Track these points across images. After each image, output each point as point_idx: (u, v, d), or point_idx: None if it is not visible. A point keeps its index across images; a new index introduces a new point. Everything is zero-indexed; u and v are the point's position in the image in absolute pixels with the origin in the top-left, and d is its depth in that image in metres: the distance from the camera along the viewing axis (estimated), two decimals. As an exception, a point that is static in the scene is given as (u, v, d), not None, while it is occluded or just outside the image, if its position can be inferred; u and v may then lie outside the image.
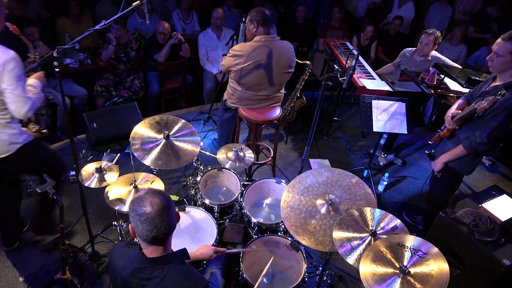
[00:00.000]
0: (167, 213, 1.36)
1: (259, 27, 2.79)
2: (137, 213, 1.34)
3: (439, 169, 2.60)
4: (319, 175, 2.13)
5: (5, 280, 2.50)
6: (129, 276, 1.43)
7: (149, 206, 1.34)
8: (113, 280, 1.54)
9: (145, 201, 1.35)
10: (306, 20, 5.61)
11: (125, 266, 1.45)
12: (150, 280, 1.40)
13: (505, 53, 2.16)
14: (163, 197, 1.38)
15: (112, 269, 1.52)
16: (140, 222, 1.34)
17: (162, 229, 1.35)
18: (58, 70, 1.80)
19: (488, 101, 2.15)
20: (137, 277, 1.41)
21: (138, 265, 1.41)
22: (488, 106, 2.17)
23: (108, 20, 1.90)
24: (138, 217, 1.34)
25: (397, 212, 3.42)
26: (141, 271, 1.41)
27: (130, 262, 1.44)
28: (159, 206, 1.35)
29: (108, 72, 4.27)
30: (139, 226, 1.35)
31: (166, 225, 1.36)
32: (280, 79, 2.99)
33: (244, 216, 2.42)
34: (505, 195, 2.59)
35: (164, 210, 1.36)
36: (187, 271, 1.44)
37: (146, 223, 1.33)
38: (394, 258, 1.59)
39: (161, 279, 1.38)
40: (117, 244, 1.58)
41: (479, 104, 2.20)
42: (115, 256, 1.51)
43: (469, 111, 2.32)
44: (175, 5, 5.37)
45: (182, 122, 2.46)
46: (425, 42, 3.70)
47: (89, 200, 3.18)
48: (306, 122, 4.46)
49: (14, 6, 3.98)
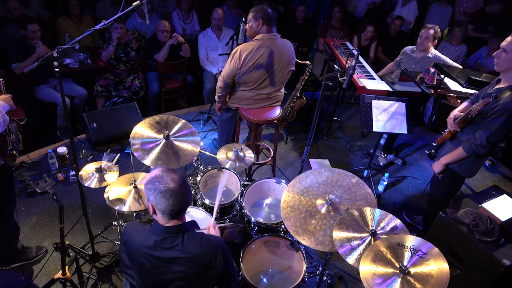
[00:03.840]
0: (186, 185, 1.49)
1: (263, 25, 2.79)
2: (161, 190, 1.42)
3: (440, 170, 2.59)
4: (319, 175, 2.13)
5: (5, 280, 2.50)
6: (151, 249, 1.48)
7: (171, 182, 1.43)
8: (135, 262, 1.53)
9: (165, 178, 1.44)
10: (306, 20, 5.60)
11: (146, 239, 1.50)
12: (173, 248, 1.47)
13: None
14: (177, 172, 1.49)
15: (131, 248, 1.53)
16: (165, 198, 1.42)
17: (184, 201, 1.48)
18: (58, 70, 1.80)
19: (480, 102, 2.15)
20: (159, 247, 1.47)
21: (159, 236, 1.48)
22: (479, 108, 2.17)
23: (108, 20, 1.90)
24: (163, 194, 1.42)
25: (397, 212, 3.42)
26: (162, 242, 1.47)
27: (150, 235, 1.50)
28: (179, 180, 1.46)
29: (108, 72, 4.27)
30: (164, 202, 1.43)
31: (187, 197, 1.49)
32: (281, 77, 2.99)
33: (244, 216, 2.42)
34: (505, 195, 2.59)
35: (184, 183, 1.48)
36: (204, 235, 1.54)
37: (172, 198, 1.43)
38: (394, 258, 1.59)
39: (183, 245, 1.47)
40: (129, 223, 1.63)
41: (474, 106, 2.20)
42: (132, 233, 1.55)
43: (466, 113, 2.32)
44: (175, 5, 5.37)
45: (182, 122, 2.46)
46: (424, 36, 3.69)
47: (89, 200, 3.18)
48: (306, 122, 4.46)
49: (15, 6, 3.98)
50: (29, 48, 3.62)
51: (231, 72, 2.86)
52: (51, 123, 4.12)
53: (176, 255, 1.46)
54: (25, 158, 3.53)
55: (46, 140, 3.98)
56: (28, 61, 3.58)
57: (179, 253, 1.46)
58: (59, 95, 3.90)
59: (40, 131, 4.09)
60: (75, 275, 2.44)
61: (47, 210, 3.05)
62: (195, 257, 1.47)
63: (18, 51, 3.61)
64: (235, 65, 2.81)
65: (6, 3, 4.02)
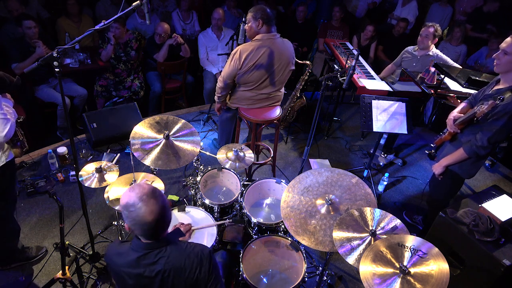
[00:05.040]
0: (165, 214, 1.39)
1: (263, 25, 2.79)
2: (137, 222, 1.35)
3: (440, 172, 2.59)
4: (319, 175, 2.13)
5: (5, 280, 2.50)
6: (134, 267, 1.43)
7: (149, 215, 1.33)
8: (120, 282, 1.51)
9: (143, 209, 1.33)
10: (306, 20, 5.60)
11: (126, 260, 1.45)
12: (157, 263, 1.42)
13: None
14: (157, 200, 1.36)
15: (114, 270, 1.51)
16: (142, 229, 1.37)
17: (161, 229, 1.42)
18: (58, 70, 1.80)
19: (487, 105, 2.13)
20: (142, 264, 1.43)
21: (140, 252, 1.43)
22: (487, 110, 2.15)
23: (108, 20, 1.90)
24: (140, 225, 1.36)
25: (397, 212, 3.42)
26: (145, 258, 1.42)
27: (130, 254, 1.45)
28: (158, 211, 1.35)
29: (108, 72, 4.27)
30: (140, 230, 1.38)
31: (165, 225, 1.43)
32: (282, 77, 2.99)
33: (244, 216, 2.42)
34: (505, 195, 2.59)
35: (163, 214, 1.37)
36: (188, 244, 1.49)
37: (150, 228, 1.37)
38: (394, 258, 1.59)
39: (167, 258, 1.42)
40: (110, 246, 1.57)
41: (479, 108, 2.18)
42: (113, 256, 1.51)
43: (470, 114, 2.30)
44: (175, 5, 5.36)
45: (182, 122, 2.46)
46: (424, 34, 3.69)
47: (89, 200, 3.18)
48: (306, 122, 4.46)
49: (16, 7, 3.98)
50: (29, 48, 3.62)
51: (231, 72, 2.86)
52: (51, 123, 4.12)
53: (160, 268, 1.41)
54: (25, 158, 3.53)
55: (46, 140, 3.98)
56: (28, 61, 3.58)
57: (163, 266, 1.41)
58: (59, 95, 3.90)
59: (40, 131, 4.09)
60: (75, 275, 2.44)
61: (47, 210, 3.05)
62: (180, 267, 1.42)
63: (18, 51, 3.61)
64: (235, 66, 2.81)
65: (7, 4, 4.02)
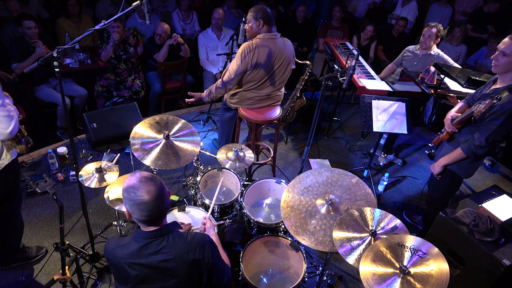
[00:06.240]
0: (162, 197, 1.43)
1: (264, 25, 2.79)
2: (135, 202, 1.39)
3: (438, 172, 2.59)
4: (319, 175, 2.13)
5: (5, 280, 2.50)
6: (136, 257, 1.46)
7: (146, 195, 1.39)
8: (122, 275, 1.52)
9: (141, 190, 1.39)
10: (306, 20, 5.61)
11: (128, 251, 1.47)
12: (159, 252, 1.45)
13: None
14: (155, 182, 1.43)
15: (115, 263, 1.51)
16: (139, 210, 1.40)
17: (160, 211, 1.45)
18: (58, 70, 1.80)
19: (485, 104, 2.13)
20: (144, 254, 1.45)
21: (141, 242, 1.46)
22: (484, 110, 2.15)
23: (108, 20, 1.90)
24: (137, 206, 1.40)
25: (397, 212, 3.42)
26: (147, 247, 1.46)
27: (132, 244, 1.48)
28: (155, 192, 1.41)
29: (109, 72, 4.27)
30: (138, 213, 1.41)
31: (162, 208, 1.46)
32: (282, 76, 2.99)
33: (244, 216, 2.42)
34: (505, 195, 2.59)
35: (160, 194, 1.43)
36: (189, 233, 1.53)
37: (146, 210, 1.40)
38: (394, 258, 1.59)
39: (169, 247, 1.46)
40: (109, 241, 1.58)
41: (476, 108, 2.18)
42: (114, 249, 1.52)
43: (467, 114, 2.30)
44: (175, 5, 5.36)
45: (182, 122, 2.46)
46: (427, 35, 3.69)
47: (89, 200, 3.18)
48: (306, 122, 4.46)
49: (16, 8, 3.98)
50: (29, 48, 3.62)
51: (241, 70, 2.82)
52: (51, 123, 4.12)
53: (163, 257, 1.45)
54: (25, 158, 3.53)
55: (46, 140, 3.98)
56: (28, 61, 3.58)
57: (166, 255, 1.45)
58: (59, 95, 3.90)
59: (40, 131, 4.09)
60: (75, 275, 2.44)
61: (47, 210, 3.05)
62: (182, 255, 1.46)
63: (18, 51, 3.61)
64: (245, 63, 2.79)
65: (7, 4, 4.02)
